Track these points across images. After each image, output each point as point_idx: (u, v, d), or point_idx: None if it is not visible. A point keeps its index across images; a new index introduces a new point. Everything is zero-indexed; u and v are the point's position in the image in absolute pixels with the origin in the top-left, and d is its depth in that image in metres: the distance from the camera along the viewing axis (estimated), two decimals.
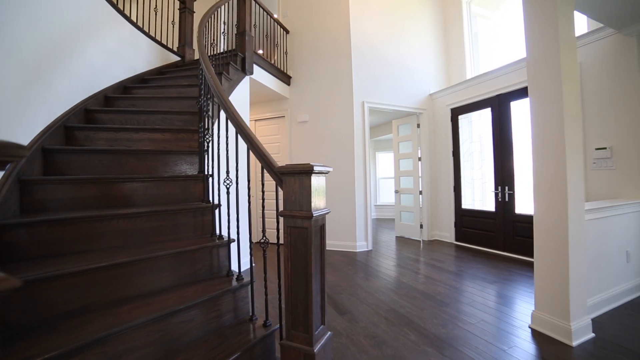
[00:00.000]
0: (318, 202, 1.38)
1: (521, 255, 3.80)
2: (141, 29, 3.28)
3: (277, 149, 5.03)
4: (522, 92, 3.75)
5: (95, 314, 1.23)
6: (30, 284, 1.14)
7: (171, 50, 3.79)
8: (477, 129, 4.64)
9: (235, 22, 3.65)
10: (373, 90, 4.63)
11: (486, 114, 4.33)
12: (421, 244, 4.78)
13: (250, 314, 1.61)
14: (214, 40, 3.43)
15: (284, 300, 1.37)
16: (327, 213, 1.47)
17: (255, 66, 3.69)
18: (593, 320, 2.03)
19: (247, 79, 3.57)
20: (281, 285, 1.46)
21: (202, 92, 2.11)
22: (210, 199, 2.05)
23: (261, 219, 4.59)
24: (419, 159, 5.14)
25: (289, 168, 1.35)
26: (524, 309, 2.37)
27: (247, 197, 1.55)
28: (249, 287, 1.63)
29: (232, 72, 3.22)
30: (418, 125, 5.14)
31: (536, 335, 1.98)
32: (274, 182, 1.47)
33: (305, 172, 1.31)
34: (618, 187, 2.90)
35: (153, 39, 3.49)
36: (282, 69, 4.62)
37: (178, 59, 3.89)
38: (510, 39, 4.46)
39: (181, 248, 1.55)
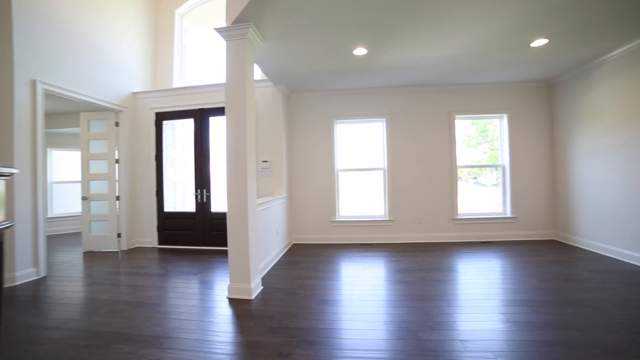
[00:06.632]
0: None
1: (218, 246, 4.60)
2: None
3: None
4: (219, 110, 4.57)
5: None
6: None
7: None
8: (181, 136, 4.99)
9: None
10: (55, 68, 3.57)
11: (189, 123, 4.79)
12: (120, 255, 4.32)
13: None
14: None
15: None
16: (9, 226, 1.12)
17: None
18: (262, 278, 3.03)
19: None
20: None
21: None
22: None
23: None
24: (117, 160, 4.61)
25: None
26: (222, 286, 2.98)
27: None
28: None
29: None
30: (117, 124, 4.61)
31: (232, 301, 2.61)
32: None
33: None
34: (273, 188, 4.42)
35: None
36: None
37: None
38: (213, 60, 5.20)
39: None
